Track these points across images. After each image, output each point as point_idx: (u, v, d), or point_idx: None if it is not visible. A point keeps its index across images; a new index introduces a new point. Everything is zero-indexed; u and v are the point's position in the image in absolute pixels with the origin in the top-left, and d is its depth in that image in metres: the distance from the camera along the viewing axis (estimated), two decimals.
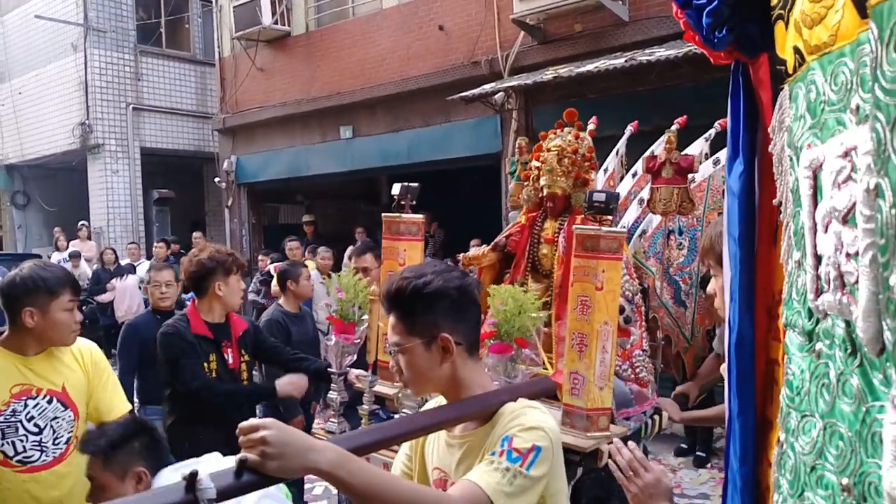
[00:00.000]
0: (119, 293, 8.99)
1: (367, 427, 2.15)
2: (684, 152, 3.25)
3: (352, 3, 9.61)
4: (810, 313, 0.89)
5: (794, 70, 0.92)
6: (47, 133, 13.34)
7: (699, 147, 3.64)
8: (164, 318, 3.35)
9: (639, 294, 2.88)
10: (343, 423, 2.63)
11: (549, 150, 2.97)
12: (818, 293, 0.86)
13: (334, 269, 6.12)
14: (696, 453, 5.48)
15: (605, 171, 3.59)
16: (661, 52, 5.86)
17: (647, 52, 6.13)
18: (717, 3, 1.05)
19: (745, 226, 1.12)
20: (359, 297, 2.58)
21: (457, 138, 8.38)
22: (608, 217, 2.69)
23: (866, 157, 0.72)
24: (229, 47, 11.16)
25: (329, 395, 2.64)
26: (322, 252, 6.96)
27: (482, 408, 1.51)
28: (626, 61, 5.98)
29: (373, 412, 2.66)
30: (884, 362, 0.73)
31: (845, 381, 0.81)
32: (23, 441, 2.22)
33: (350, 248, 4.44)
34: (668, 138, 3.08)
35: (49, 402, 2.28)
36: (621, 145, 3.68)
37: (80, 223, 11.66)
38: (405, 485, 1.31)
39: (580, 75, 6.26)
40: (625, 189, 3.53)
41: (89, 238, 11.55)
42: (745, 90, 1.14)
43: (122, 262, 9.83)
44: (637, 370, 2.70)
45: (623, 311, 2.63)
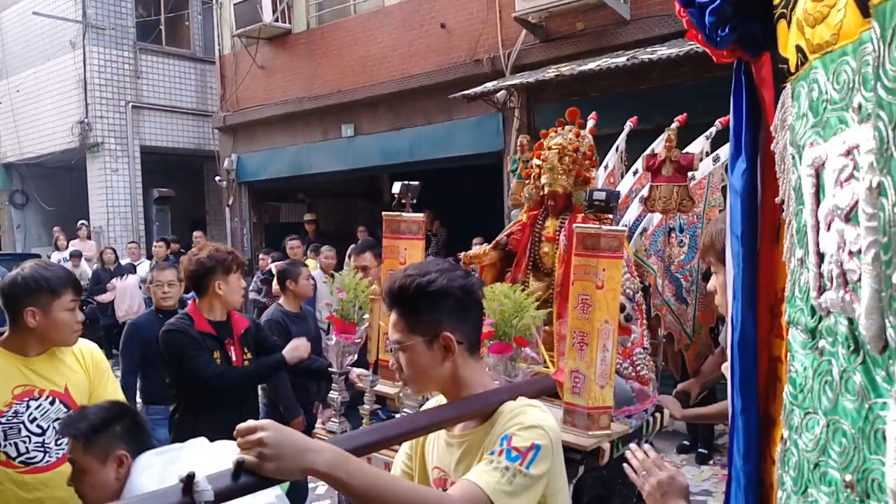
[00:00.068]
0: (119, 293, 8.99)
1: (368, 427, 2.15)
2: (685, 150, 3.25)
3: (353, 0, 9.59)
4: (813, 311, 0.89)
5: (797, 69, 0.93)
6: (46, 131, 13.29)
7: (700, 145, 3.64)
8: (166, 318, 3.35)
9: (640, 292, 2.88)
10: (344, 422, 2.63)
11: (550, 148, 2.97)
12: (821, 291, 0.86)
13: (337, 268, 6.12)
14: (699, 450, 5.49)
15: (605, 167, 3.58)
16: (662, 51, 5.86)
17: (648, 50, 6.14)
18: (719, 1, 1.05)
19: (747, 224, 1.12)
20: (359, 297, 2.57)
21: (459, 136, 8.38)
22: (609, 215, 2.69)
23: (869, 156, 0.72)
24: (230, 45, 11.13)
25: (330, 395, 2.64)
26: (325, 251, 6.96)
27: (482, 406, 1.50)
28: (628, 60, 5.98)
29: (374, 412, 2.66)
30: (886, 359, 0.73)
31: (848, 378, 0.82)
32: (25, 442, 2.22)
33: (351, 247, 4.46)
34: (668, 136, 3.07)
35: (51, 403, 2.27)
36: (621, 141, 3.68)
37: (79, 222, 11.64)
38: (404, 485, 1.31)
39: (582, 73, 6.26)
40: (625, 187, 3.52)
41: (89, 237, 11.54)
42: (747, 89, 1.14)
43: (122, 261, 9.82)
44: (638, 368, 2.70)
45: (624, 309, 2.62)
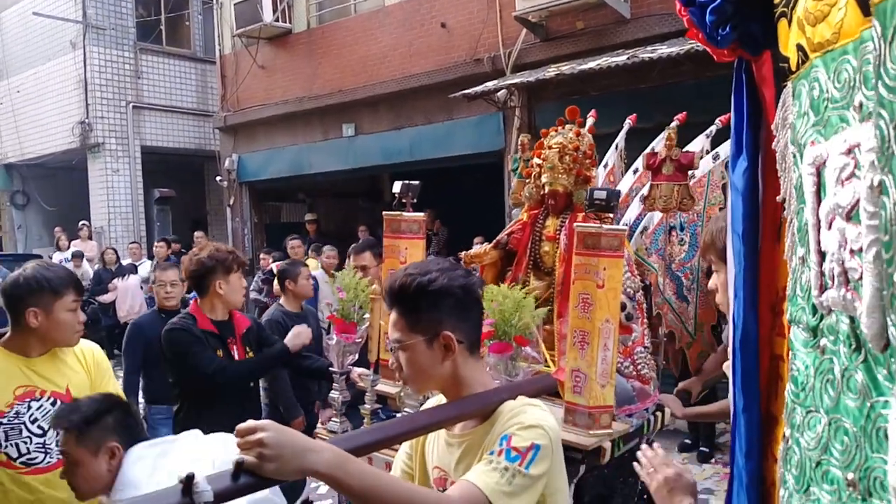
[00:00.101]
0: (121, 293, 8.98)
1: (368, 427, 2.15)
2: (685, 149, 3.25)
3: (353, 0, 9.59)
4: (814, 309, 0.89)
5: (798, 67, 0.93)
6: (46, 132, 13.29)
7: (700, 144, 3.63)
8: (169, 318, 3.36)
9: (640, 291, 2.88)
10: (345, 422, 2.63)
11: (550, 147, 2.97)
12: (822, 289, 0.86)
13: (339, 268, 6.12)
14: (700, 449, 5.49)
15: (605, 166, 3.58)
16: (662, 50, 5.86)
17: (648, 49, 6.13)
18: (720, 0, 1.05)
19: (748, 222, 1.12)
20: (360, 297, 2.57)
21: (459, 136, 8.37)
22: (609, 214, 2.69)
23: (870, 154, 0.72)
24: (230, 45, 11.13)
25: (331, 395, 2.64)
26: (327, 251, 6.96)
27: (482, 406, 1.50)
28: (628, 59, 5.98)
29: (375, 411, 2.66)
30: (888, 358, 0.73)
31: (850, 376, 0.82)
32: (27, 443, 2.22)
33: (351, 247, 4.48)
34: (668, 135, 3.07)
35: (53, 403, 2.27)
36: (620, 139, 3.68)
37: (80, 223, 11.65)
38: (403, 486, 1.31)
39: (582, 72, 6.26)
40: (626, 186, 3.52)
41: (90, 238, 11.55)
42: (748, 87, 1.14)
43: (123, 261, 9.83)
44: (639, 367, 2.70)
45: (625, 308, 2.62)
